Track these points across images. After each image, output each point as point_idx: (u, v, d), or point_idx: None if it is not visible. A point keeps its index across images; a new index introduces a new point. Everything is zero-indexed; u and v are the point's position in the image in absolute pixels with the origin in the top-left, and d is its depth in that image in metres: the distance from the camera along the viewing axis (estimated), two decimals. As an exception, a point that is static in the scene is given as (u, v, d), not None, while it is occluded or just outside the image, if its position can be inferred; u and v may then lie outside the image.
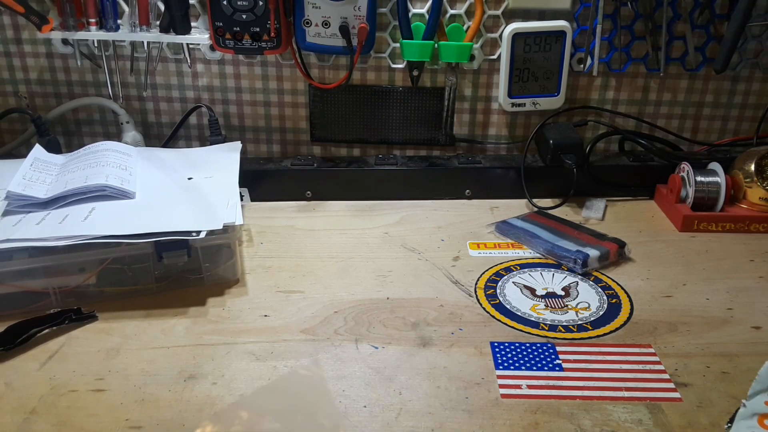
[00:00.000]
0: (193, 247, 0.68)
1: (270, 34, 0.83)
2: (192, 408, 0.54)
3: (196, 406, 0.54)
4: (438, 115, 0.93)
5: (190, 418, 0.53)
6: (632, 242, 0.77)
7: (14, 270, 0.65)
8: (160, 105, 0.95)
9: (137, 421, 0.52)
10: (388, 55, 0.91)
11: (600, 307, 0.67)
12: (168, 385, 0.56)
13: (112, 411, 0.53)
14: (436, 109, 0.93)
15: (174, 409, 0.53)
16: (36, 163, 0.76)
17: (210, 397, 0.55)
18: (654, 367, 0.58)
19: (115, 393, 0.55)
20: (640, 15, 0.88)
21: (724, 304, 0.67)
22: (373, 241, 0.80)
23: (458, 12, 0.88)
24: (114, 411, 0.53)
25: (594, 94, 0.94)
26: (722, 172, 0.82)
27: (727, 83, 0.93)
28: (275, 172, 0.89)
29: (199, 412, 0.53)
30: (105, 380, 0.57)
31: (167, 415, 0.53)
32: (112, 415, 0.53)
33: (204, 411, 0.53)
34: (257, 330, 0.64)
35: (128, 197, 0.72)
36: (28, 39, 0.91)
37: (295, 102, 0.94)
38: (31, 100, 0.95)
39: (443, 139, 0.94)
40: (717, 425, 0.51)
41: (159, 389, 0.56)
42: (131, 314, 0.66)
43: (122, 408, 0.54)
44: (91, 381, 0.57)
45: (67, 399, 0.55)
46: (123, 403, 0.54)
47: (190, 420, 0.52)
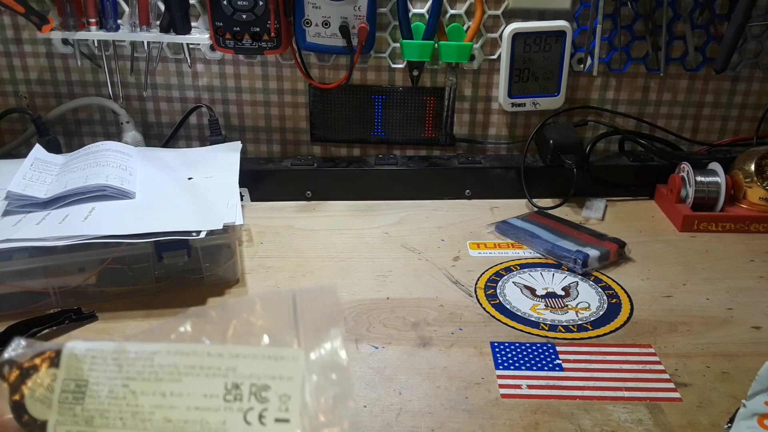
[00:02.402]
0: (193, 247, 0.68)
1: (270, 34, 0.83)
2: (192, 408, 0.53)
3: (196, 406, 0.54)
4: (438, 115, 0.93)
5: (190, 418, 0.52)
6: (632, 242, 0.77)
7: (14, 270, 0.65)
8: (160, 105, 0.95)
9: (137, 421, 0.52)
10: (388, 55, 0.91)
11: (600, 307, 0.67)
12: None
13: (112, 411, 0.53)
14: (436, 109, 0.93)
15: (174, 409, 0.53)
16: (36, 163, 0.76)
17: (210, 397, 0.55)
18: (654, 367, 0.58)
19: (115, 393, 0.55)
20: (640, 15, 0.88)
21: (724, 304, 0.67)
22: (373, 241, 0.80)
23: (458, 12, 0.88)
24: (114, 411, 0.53)
25: (594, 94, 0.94)
26: (722, 172, 0.82)
27: (727, 83, 0.93)
28: (275, 172, 0.89)
29: (199, 412, 0.53)
30: (105, 380, 0.57)
31: (167, 415, 0.53)
32: (112, 415, 0.53)
33: (204, 411, 0.53)
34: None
35: (128, 197, 0.72)
36: (28, 39, 0.91)
37: (295, 102, 0.94)
38: (31, 100, 0.95)
39: (443, 139, 0.94)
40: (717, 425, 0.51)
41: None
42: (131, 314, 0.66)
43: (122, 408, 0.53)
44: (91, 381, 0.57)
45: (67, 399, 0.55)
46: (123, 403, 0.54)
47: (190, 420, 0.52)
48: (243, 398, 0.22)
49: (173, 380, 0.22)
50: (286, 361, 0.22)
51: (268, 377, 0.22)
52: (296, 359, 0.22)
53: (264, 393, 0.22)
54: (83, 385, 0.22)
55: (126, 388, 0.22)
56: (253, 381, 0.22)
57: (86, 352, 0.23)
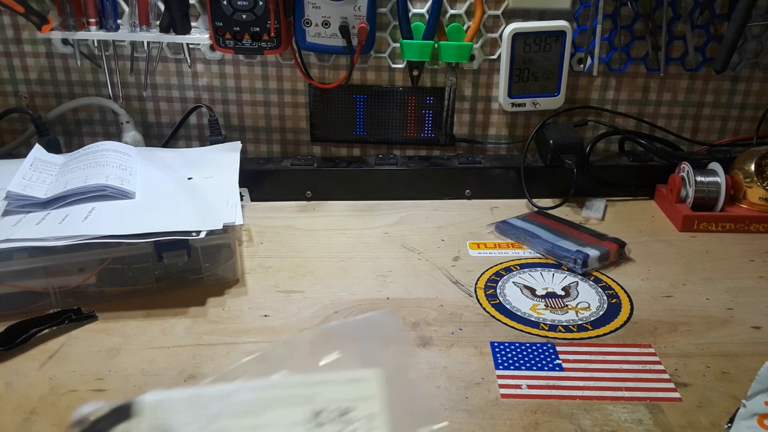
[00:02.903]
0: (193, 247, 0.68)
1: (270, 34, 0.83)
2: (192, 408, 0.54)
3: (196, 406, 0.54)
4: (438, 115, 0.93)
5: (190, 418, 0.53)
6: (632, 242, 0.77)
7: (14, 270, 0.65)
8: (160, 105, 0.95)
9: (137, 421, 0.52)
10: (388, 55, 0.91)
11: (600, 307, 0.67)
12: (168, 385, 0.56)
13: (112, 411, 0.53)
14: (436, 109, 0.93)
15: (174, 409, 0.53)
16: (36, 163, 0.76)
17: (210, 397, 0.55)
18: (654, 367, 0.58)
19: (115, 393, 0.55)
20: (640, 15, 0.88)
21: (724, 304, 0.67)
22: (373, 241, 0.80)
23: (458, 12, 0.88)
24: (114, 411, 0.53)
25: (594, 94, 0.94)
26: (722, 172, 0.82)
27: (727, 83, 0.93)
28: (275, 172, 0.89)
29: (199, 412, 0.53)
30: (105, 380, 0.57)
31: (167, 415, 0.53)
32: (112, 415, 0.53)
33: (204, 411, 0.53)
34: (257, 330, 0.64)
35: (128, 197, 0.72)
36: (28, 39, 0.91)
37: (295, 102, 0.94)
38: (31, 100, 0.95)
39: (443, 139, 0.94)
40: (717, 425, 0.51)
41: (159, 389, 0.56)
42: (131, 314, 0.66)
43: (122, 408, 0.54)
44: (91, 381, 0.57)
45: (67, 399, 0.55)
46: (123, 403, 0.54)
47: (190, 420, 0.52)
48: (329, 421, 0.22)
49: (258, 413, 0.22)
50: (365, 383, 0.23)
51: (351, 400, 0.23)
52: (373, 380, 0.23)
53: (350, 415, 0.22)
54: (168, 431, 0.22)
55: (213, 427, 0.22)
56: (338, 405, 0.23)
57: (159, 402, 0.23)
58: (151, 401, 0.23)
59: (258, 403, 0.23)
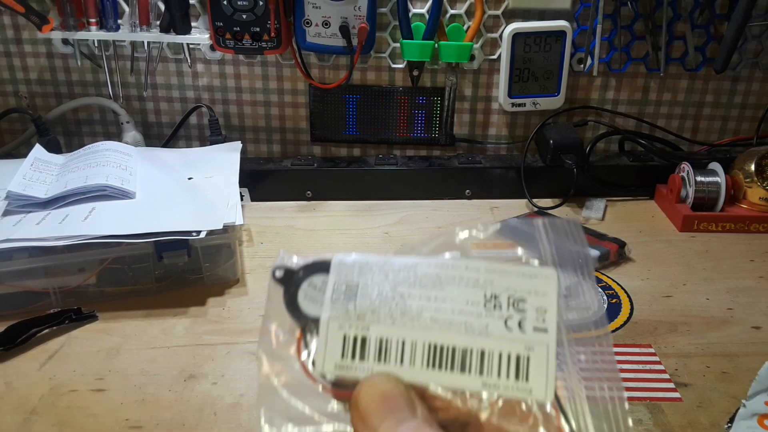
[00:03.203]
0: (193, 247, 0.68)
1: (270, 34, 0.83)
2: (192, 408, 0.54)
3: (196, 406, 0.54)
4: (438, 115, 0.93)
5: (190, 418, 0.53)
6: (632, 242, 0.77)
7: (14, 270, 0.65)
8: (160, 105, 0.95)
9: (137, 421, 0.52)
10: (388, 55, 0.91)
11: (600, 307, 0.67)
12: (168, 385, 0.56)
13: (112, 411, 0.53)
14: (436, 109, 0.93)
15: (174, 409, 0.53)
16: (36, 163, 0.76)
17: (210, 397, 0.55)
18: (654, 367, 0.58)
19: (115, 393, 0.55)
20: (640, 15, 0.88)
21: (724, 304, 0.67)
22: (373, 241, 0.80)
23: (458, 12, 0.88)
24: (114, 411, 0.53)
25: (594, 94, 0.94)
26: (722, 172, 0.82)
27: (727, 83, 0.93)
28: (275, 172, 0.89)
29: (199, 412, 0.53)
30: (105, 380, 0.57)
31: (167, 415, 0.53)
32: (112, 415, 0.53)
33: (204, 411, 0.53)
34: (257, 330, 0.63)
35: (128, 197, 0.72)
36: (28, 39, 0.91)
37: (295, 102, 0.94)
38: (32, 100, 0.95)
39: (443, 139, 0.94)
40: (717, 425, 0.51)
41: (159, 389, 0.56)
42: (131, 314, 0.66)
43: (122, 408, 0.54)
44: (91, 381, 0.57)
45: (67, 399, 0.55)
46: (123, 403, 0.54)
47: (190, 420, 0.52)
48: (502, 307, 0.25)
49: (436, 287, 0.25)
50: (541, 279, 0.25)
51: (525, 291, 0.25)
52: (550, 278, 0.25)
53: (521, 305, 0.25)
54: (354, 287, 0.26)
55: (394, 291, 0.25)
56: (511, 293, 0.25)
57: (354, 261, 0.26)
58: (347, 260, 0.26)
59: (438, 277, 0.25)
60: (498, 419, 0.24)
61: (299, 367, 0.26)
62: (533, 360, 0.24)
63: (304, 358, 0.26)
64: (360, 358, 0.25)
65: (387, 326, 0.25)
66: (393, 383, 0.24)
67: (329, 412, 0.25)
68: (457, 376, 0.24)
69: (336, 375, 0.25)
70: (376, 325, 0.25)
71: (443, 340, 0.25)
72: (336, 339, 0.25)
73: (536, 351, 0.24)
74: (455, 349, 0.25)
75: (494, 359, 0.25)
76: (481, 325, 0.25)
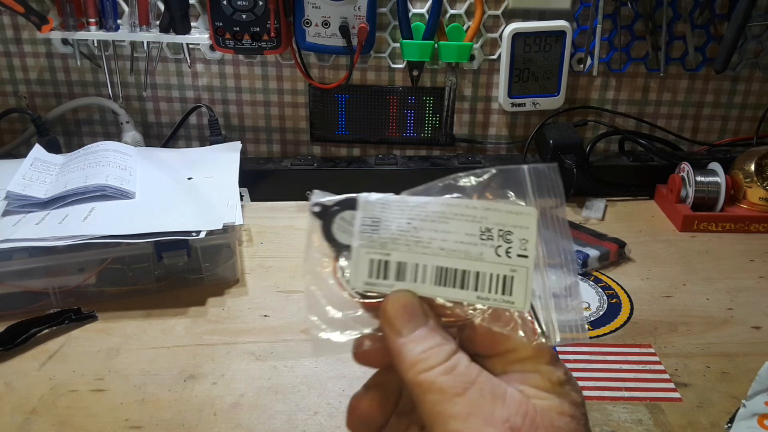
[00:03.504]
0: (192, 247, 0.68)
1: (270, 34, 0.83)
2: (192, 408, 0.54)
3: (196, 406, 0.54)
4: (438, 115, 0.93)
5: (190, 418, 0.52)
6: (632, 242, 0.77)
7: (14, 270, 0.64)
8: (160, 105, 0.95)
9: (137, 421, 0.52)
10: (388, 55, 0.91)
11: (600, 307, 0.67)
12: (168, 385, 0.56)
13: (112, 411, 0.53)
14: (436, 109, 0.93)
15: (174, 409, 0.53)
16: (36, 163, 0.76)
17: (210, 397, 0.55)
18: (654, 367, 0.58)
19: (115, 393, 0.55)
20: (640, 15, 0.88)
21: (724, 304, 0.67)
22: (373, 241, 0.80)
23: (458, 12, 0.88)
24: (114, 411, 0.53)
25: (594, 94, 0.93)
26: (722, 172, 0.82)
27: (727, 83, 0.93)
28: (275, 172, 0.89)
29: (199, 412, 0.53)
30: (105, 380, 0.57)
31: (167, 415, 0.53)
32: (112, 415, 0.53)
33: (204, 411, 0.53)
34: (257, 330, 0.64)
35: (128, 197, 0.72)
36: (27, 39, 0.91)
37: (295, 102, 0.94)
38: (31, 100, 0.95)
39: (443, 139, 0.94)
40: (717, 425, 0.51)
41: (159, 389, 0.56)
42: (131, 314, 0.66)
43: (122, 408, 0.54)
44: (91, 381, 0.57)
45: (67, 399, 0.55)
46: (123, 403, 0.54)
47: (189, 420, 0.52)
48: (494, 238, 0.31)
49: (442, 222, 0.32)
50: (524, 216, 0.31)
51: (511, 226, 0.31)
52: (532, 215, 0.31)
53: (508, 236, 0.31)
54: (377, 221, 0.32)
55: (409, 224, 0.32)
56: (500, 227, 0.31)
57: (377, 200, 0.32)
58: (371, 198, 0.32)
59: (444, 214, 0.32)
60: (488, 323, 0.32)
61: (335, 283, 0.33)
62: (516, 280, 0.31)
63: (339, 276, 0.33)
64: (383, 277, 0.32)
65: (404, 252, 0.32)
66: (411, 297, 0.31)
67: (356, 316, 0.33)
68: (457, 291, 0.32)
69: (364, 289, 0.32)
70: (395, 252, 0.32)
71: (447, 264, 0.32)
72: (364, 262, 0.32)
73: (518, 273, 0.31)
74: (456, 270, 0.32)
75: (486, 278, 0.31)
76: (477, 252, 0.31)
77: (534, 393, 0.30)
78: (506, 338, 0.31)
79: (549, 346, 0.32)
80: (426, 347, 0.30)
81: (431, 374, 0.29)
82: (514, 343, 0.31)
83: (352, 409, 0.34)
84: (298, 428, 0.52)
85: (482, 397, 0.29)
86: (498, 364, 0.32)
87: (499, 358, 0.32)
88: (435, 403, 0.29)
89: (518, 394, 0.30)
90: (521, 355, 0.31)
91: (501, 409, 0.29)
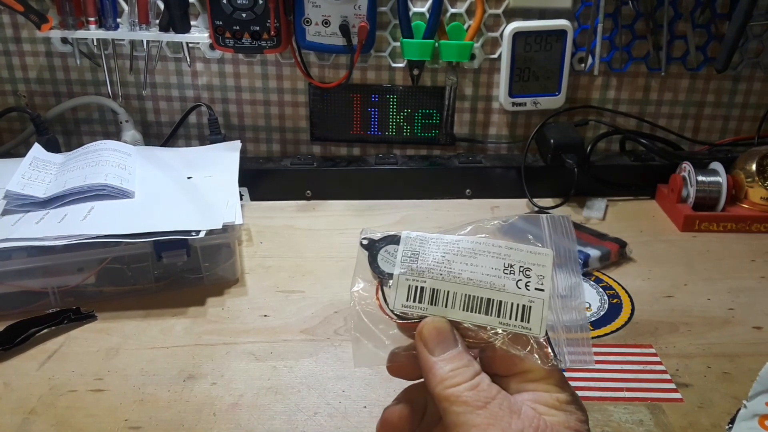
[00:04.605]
0: (192, 247, 0.68)
1: (270, 33, 0.82)
2: (191, 408, 0.53)
3: (196, 406, 0.54)
4: (438, 115, 0.93)
5: (190, 418, 0.52)
6: (633, 242, 0.77)
7: (13, 269, 0.64)
8: (160, 104, 0.95)
9: (136, 422, 0.52)
10: (388, 54, 0.90)
11: (601, 308, 0.67)
12: (167, 385, 0.56)
13: (112, 411, 0.53)
14: (436, 108, 0.93)
15: (173, 409, 0.53)
16: (35, 162, 0.76)
17: (209, 397, 0.55)
18: (655, 367, 0.58)
19: (114, 393, 0.55)
20: (641, 14, 0.88)
21: (726, 304, 0.67)
22: (373, 240, 0.80)
23: (459, 11, 0.87)
24: (113, 411, 0.53)
25: (595, 94, 0.93)
26: (723, 171, 0.82)
27: (729, 83, 0.93)
28: (275, 171, 0.89)
29: (198, 413, 0.53)
30: (104, 380, 0.57)
31: (166, 415, 0.53)
32: (112, 415, 0.53)
33: (203, 411, 0.53)
34: (257, 330, 0.63)
35: (127, 196, 0.72)
36: (27, 38, 0.91)
37: (295, 101, 0.94)
38: (30, 99, 0.95)
39: (443, 138, 0.94)
40: (718, 426, 0.51)
41: (158, 389, 0.55)
42: (130, 314, 0.65)
43: (121, 408, 0.53)
44: (90, 381, 0.56)
45: (66, 399, 0.54)
46: (122, 403, 0.54)
47: (189, 420, 0.52)
48: (515, 273, 0.36)
49: (471, 257, 0.37)
50: (542, 256, 0.36)
51: (530, 263, 0.36)
52: (548, 256, 0.36)
53: (528, 272, 0.36)
54: (416, 254, 0.37)
55: (443, 257, 0.37)
56: (521, 264, 0.36)
57: (417, 236, 0.38)
58: (412, 235, 0.37)
59: (473, 250, 0.36)
60: (507, 346, 0.36)
61: (377, 305, 0.38)
62: (533, 309, 0.36)
63: (380, 299, 0.38)
64: (419, 301, 0.37)
65: (437, 281, 0.37)
66: (444, 323, 0.36)
67: (391, 335, 0.38)
68: (482, 317, 0.36)
69: (401, 311, 0.37)
70: (430, 280, 0.37)
71: (474, 293, 0.36)
72: (403, 287, 0.37)
73: (536, 303, 0.36)
74: (482, 299, 0.36)
75: (508, 307, 0.36)
76: (500, 284, 0.36)
77: (545, 410, 0.34)
78: (522, 360, 0.35)
79: (559, 370, 0.36)
80: (455, 366, 0.34)
81: (458, 389, 0.34)
82: (528, 365, 0.35)
83: (385, 420, 0.39)
84: (298, 429, 0.52)
85: (501, 411, 0.33)
86: (513, 383, 0.36)
87: (514, 378, 0.36)
88: (460, 414, 0.33)
89: (531, 410, 0.34)
90: (535, 376, 0.35)
91: (517, 422, 0.33)
